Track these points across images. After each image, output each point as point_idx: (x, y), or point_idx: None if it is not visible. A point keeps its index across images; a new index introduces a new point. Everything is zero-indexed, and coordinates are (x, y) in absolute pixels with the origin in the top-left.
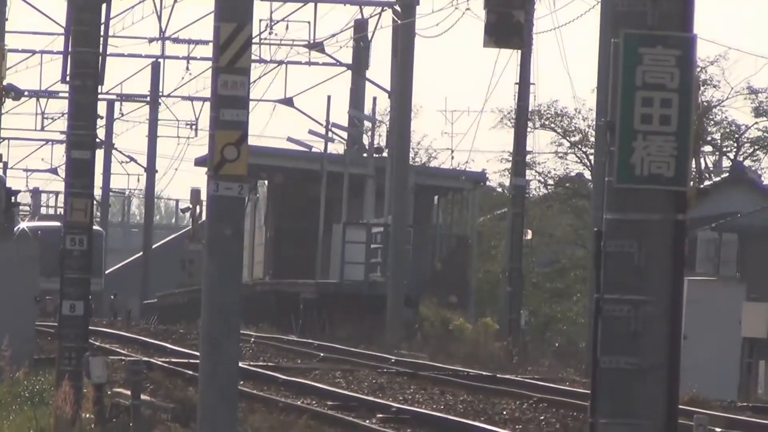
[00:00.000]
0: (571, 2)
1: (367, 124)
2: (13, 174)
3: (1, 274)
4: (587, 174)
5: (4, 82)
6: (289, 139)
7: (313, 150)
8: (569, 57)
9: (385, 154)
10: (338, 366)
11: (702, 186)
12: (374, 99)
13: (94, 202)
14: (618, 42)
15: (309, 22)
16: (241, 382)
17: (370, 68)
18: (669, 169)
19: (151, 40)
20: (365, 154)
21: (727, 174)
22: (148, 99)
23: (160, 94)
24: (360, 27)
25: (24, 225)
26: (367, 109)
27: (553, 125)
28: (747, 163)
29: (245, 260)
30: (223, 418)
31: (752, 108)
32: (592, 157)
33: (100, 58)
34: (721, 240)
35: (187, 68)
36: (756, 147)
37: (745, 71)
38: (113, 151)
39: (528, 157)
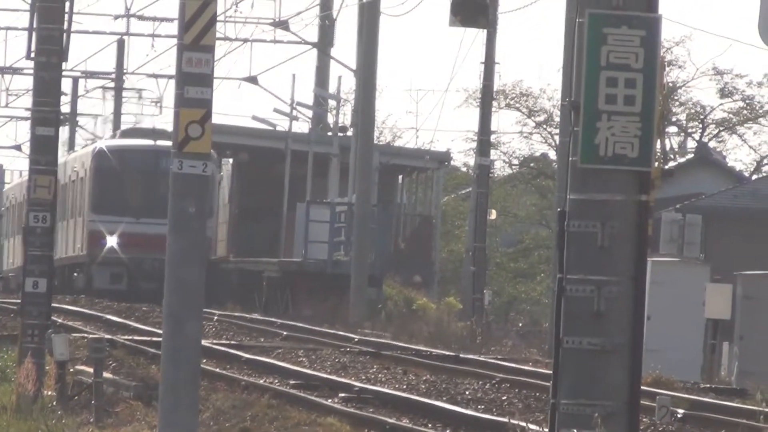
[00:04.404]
0: None
1: (332, 102)
2: None
3: None
4: (552, 154)
5: None
6: (254, 118)
7: (278, 128)
8: (535, 37)
9: (349, 133)
10: (301, 345)
11: (666, 167)
12: (339, 78)
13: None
14: (583, 22)
15: (274, 0)
16: (204, 361)
17: (335, 47)
18: (633, 149)
19: (116, 17)
20: (330, 133)
21: (692, 155)
22: (113, 76)
23: (125, 71)
24: (325, 5)
25: (103, 144)
26: (332, 88)
27: (518, 105)
28: (712, 144)
29: None
30: (186, 396)
31: (717, 89)
32: (557, 137)
33: (65, 34)
34: (685, 221)
35: (152, 46)
36: (721, 128)
37: (710, 52)
38: (77, 129)
39: (493, 136)
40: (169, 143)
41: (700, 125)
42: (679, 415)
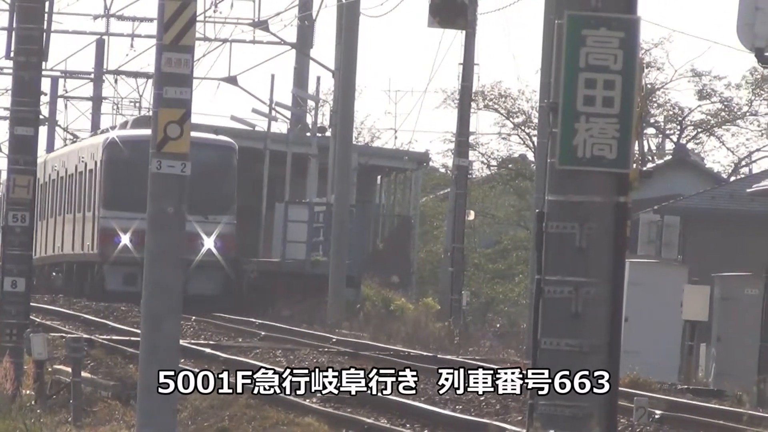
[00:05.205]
0: None
1: (311, 103)
2: None
3: None
4: (530, 155)
5: None
6: (233, 118)
7: (257, 129)
8: (513, 38)
9: (328, 134)
10: (279, 345)
11: (645, 168)
12: (318, 78)
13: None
14: (562, 23)
15: (254, 0)
16: (182, 360)
17: (314, 47)
18: (611, 151)
19: (95, 17)
20: (308, 134)
21: (670, 156)
22: (92, 76)
23: (105, 71)
24: (304, 6)
25: (115, 134)
26: (311, 89)
27: (496, 106)
28: (690, 145)
29: None
30: (163, 396)
31: (696, 91)
32: (535, 139)
33: (45, 34)
34: (663, 222)
35: (132, 45)
36: (699, 130)
37: (689, 54)
38: (56, 128)
39: (471, 137)
40: None
41: (679, 127)
42: (656, 416)
